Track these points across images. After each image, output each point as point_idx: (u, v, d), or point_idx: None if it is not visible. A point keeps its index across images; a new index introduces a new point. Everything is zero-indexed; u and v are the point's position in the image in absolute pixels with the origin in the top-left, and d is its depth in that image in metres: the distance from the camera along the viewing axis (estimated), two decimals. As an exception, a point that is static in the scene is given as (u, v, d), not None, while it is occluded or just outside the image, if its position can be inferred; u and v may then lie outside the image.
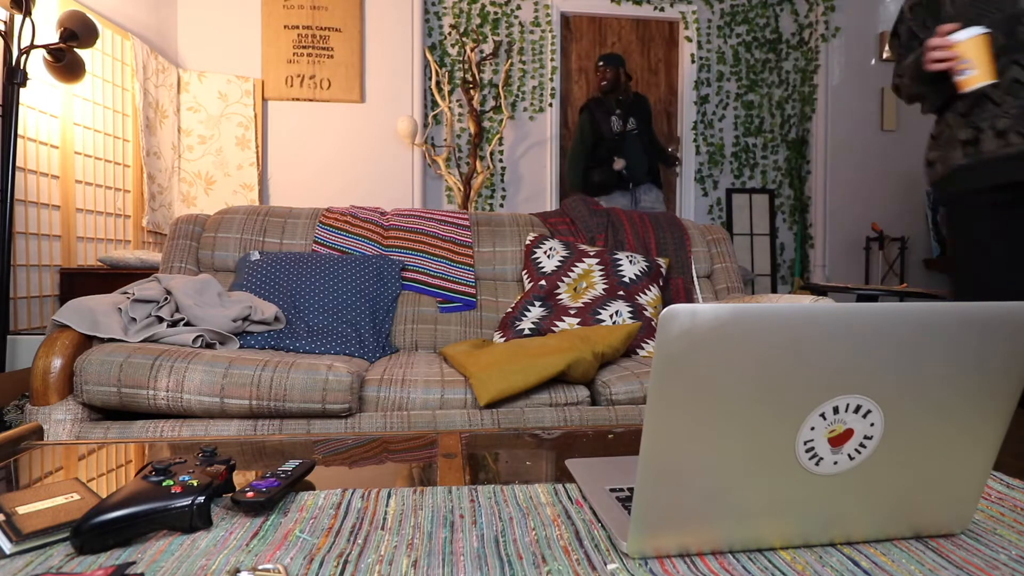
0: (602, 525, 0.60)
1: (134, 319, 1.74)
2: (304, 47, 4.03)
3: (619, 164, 4.00)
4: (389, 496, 0.68)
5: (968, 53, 1.42)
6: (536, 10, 4.46)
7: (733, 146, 4.78)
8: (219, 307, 1.85)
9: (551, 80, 4.46)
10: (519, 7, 4.41)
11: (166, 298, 1.82)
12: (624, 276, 2.19)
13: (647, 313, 2.12)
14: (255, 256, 2.11)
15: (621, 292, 2.15)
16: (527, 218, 2.46)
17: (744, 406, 0.50)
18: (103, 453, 0.88)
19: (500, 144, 4.35)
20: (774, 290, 4.77)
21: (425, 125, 4.23)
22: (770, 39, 4.75)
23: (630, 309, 2.10)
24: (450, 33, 4.31)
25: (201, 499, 0.59)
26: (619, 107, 4.05)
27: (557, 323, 2.04)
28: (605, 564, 0.53)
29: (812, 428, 0.51)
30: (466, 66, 4.25)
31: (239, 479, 0.74)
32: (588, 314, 2.09)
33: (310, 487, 0.71)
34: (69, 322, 1.62)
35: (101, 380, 1.53)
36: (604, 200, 4.11)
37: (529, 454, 0.85)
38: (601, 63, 4.02)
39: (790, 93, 4.79)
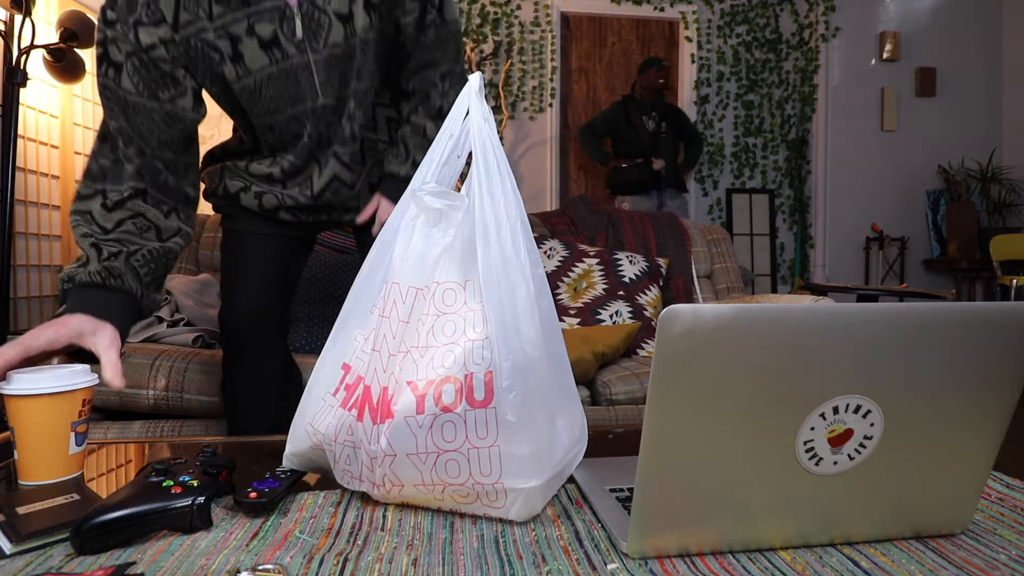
0: (602, 525, 0.60)
1: (134, 319, 1.75)
2: (304, 47, 4.03)
3: (659, 164, 4.16)
4: (389, 496, 0.68)
5: None
6: (536, 10, 4.46)
7: (733, 146, 4.78)
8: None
9: (551, 80, 4.47)
10: (519, 7, 4.41)
11: (166, 298, 1.81)
12: (624, 276, 2.19)
13: (647, 313, 2.12)
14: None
15: (621, 292, 2.15)
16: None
17: (744, 406, 0.50)
18: (103, 453, 0.88)
19: (500, 144, 4.36)
20: (774, 290, 4.77)
21: (425, 125, 4.23)
22: (770, 39, 4.75)
23: (630, 309, 2.10)
24: (450, 33, 4.32)
25: (201, 499, 0.59)
26: (654, 109, 4.20)
27: (557, 323, 2.04)
28: (605, 564, 0.53)
29: (812, 428, 0.51)
30: (466, 66, 4.26)
31: (239, 479, 0.74)
32: (588, 314, 2.09)
33: (310, 487, 0.71)
34: (69, 322, 1.62)
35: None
36: (631, 199, 4.21)
37: (529, 454, 0.85)
38: (655, 67, 4.20)
39: (790, 93, 4.79)
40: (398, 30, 1.16)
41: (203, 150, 1.19)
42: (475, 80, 0.71)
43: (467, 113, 0.71)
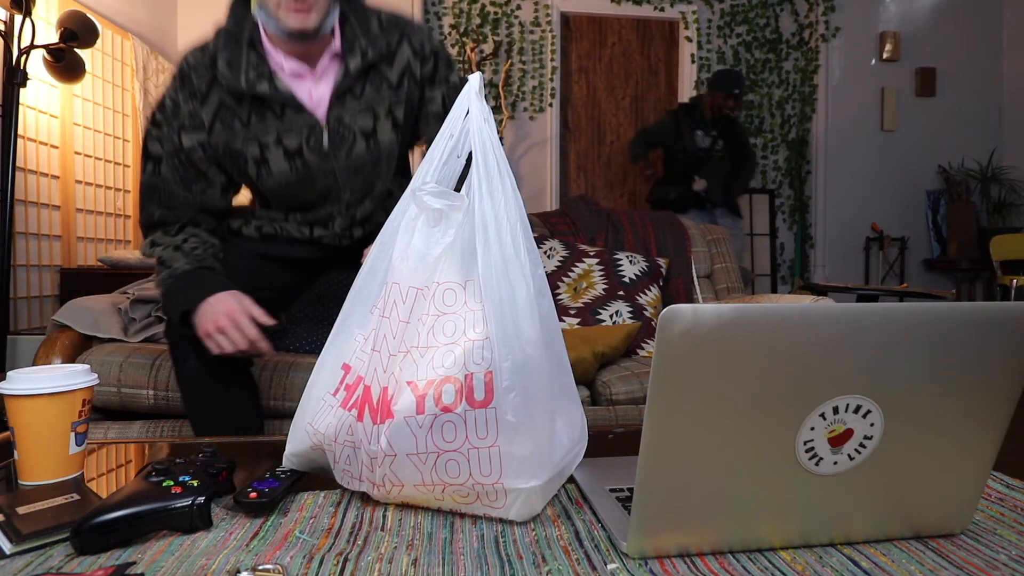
0: (602, 525, 0.60)
1: (134, 319, 1.75)
2: (304, 47, 4.03)
3: (700, 185, 3.74)
4: (389, 496, 0.68)
5: None
6: (536, 10, 4.45)
7: (733, 146, 4.77)
8: (219, 307, 1.84)
9: (551, 80, 4.46)
10: (519, 7, 4.41)
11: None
12: (624, 276, 2.19)
13: (647, 313, 2.12)
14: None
15: (621, 292, 2.15)
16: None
17: (744, 406, 0.50)
18: (103, 453, 0.88)
19: (500, 144, 4.35)
20: (774, 290, 4.77)
21: (425, 125, 4.23)
22: (770, 39, 4.74)
23: (630, 309, 2.10)
24: (450, 33, 4.32)
25: (201, 499, 0.59)
26: (714, 126, 3.81)
27: (557, 323, 2.04)
28: (605, 564, 0.53)
29: (812, 428, 0.51)
30: (466, 66, 4.25)
31: (239, 479, 0.74)
32: (588, 314, 2.09)
33: (310, 487, 0.71)
34: (69, 322, 1.62)
35: (102, 380, 1.53)
36: (687, 215, 3.64)
37: (529, 454, 0.85)
38: (728, 93, 3.75)
39: (790, 93, 4.78)
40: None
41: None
42: (475, 80, 0.71)
43: (467, 113, 0.71)
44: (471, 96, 0.70)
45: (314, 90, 1.16)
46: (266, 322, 1.10)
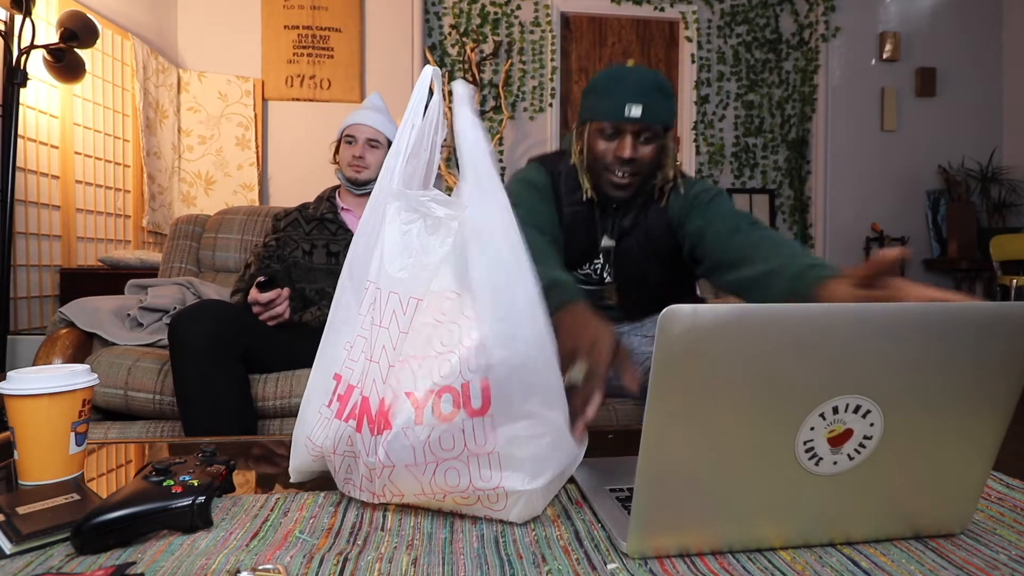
0: (602, 525, 0.60)
1: (141, 324, 1.76)
2: (304, 47, 4.03)
3: None
4: (389, 496, 0.68)
5: None
6: (536, 10, 4.45)
7: (733, 146, 4.77)
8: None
9: (551, 80, 4.46)
10: (519, 7, 4.40)
11: (176, 308, 1.82)
12: (624, 276, 2.18)
13: (647, 313, 2.11)
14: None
15: (621, 292, 2.14)
16: (527, 218, 2.45)
17: (744, 406, 0.50)
18: (103, 453, 0.88)
19: (500, 144, 4.35)
20: (774, 290, 4.76)
21: (425, 125, 4.23)
22: (770, 39, 4.74)
23: (630, 309, 2.10)
24: (450, 33, 4.31)
25: (201, 499, 0.59)
26: None
27: (557, 323, 2.03)
28: (605, 564, 0.53)
29: (812, 428, 0.51)
30: (466, 66, 4.25)
31: (239, 479, 0.74)
32: (588, 314, 2.09)
33: (310, 487, 0.71)
34: (72, 316, 1.62)
35: (110, 382, 1.54)
36: None
37: (529, 454, 0.85)
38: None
39: (790, 93, 4.78)
40: None
41: (201, 150, 1.20)
42: (459, 88, 0.68)
43: (428, 102, 0.70)
44: (462, 105, 0.67)
45: (355, 224, 1.66)
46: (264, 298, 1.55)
